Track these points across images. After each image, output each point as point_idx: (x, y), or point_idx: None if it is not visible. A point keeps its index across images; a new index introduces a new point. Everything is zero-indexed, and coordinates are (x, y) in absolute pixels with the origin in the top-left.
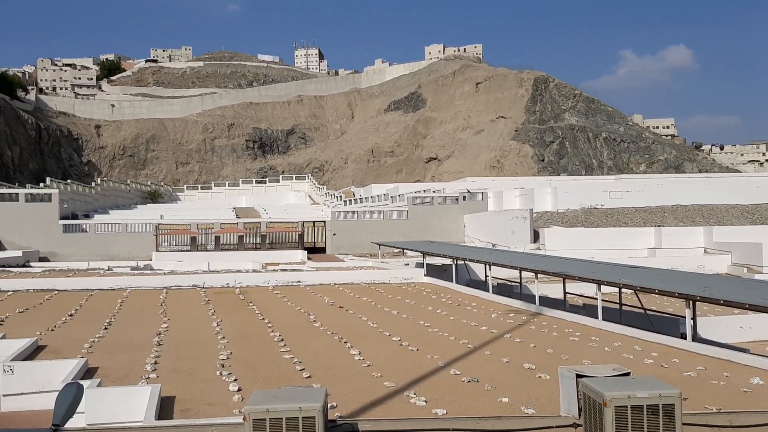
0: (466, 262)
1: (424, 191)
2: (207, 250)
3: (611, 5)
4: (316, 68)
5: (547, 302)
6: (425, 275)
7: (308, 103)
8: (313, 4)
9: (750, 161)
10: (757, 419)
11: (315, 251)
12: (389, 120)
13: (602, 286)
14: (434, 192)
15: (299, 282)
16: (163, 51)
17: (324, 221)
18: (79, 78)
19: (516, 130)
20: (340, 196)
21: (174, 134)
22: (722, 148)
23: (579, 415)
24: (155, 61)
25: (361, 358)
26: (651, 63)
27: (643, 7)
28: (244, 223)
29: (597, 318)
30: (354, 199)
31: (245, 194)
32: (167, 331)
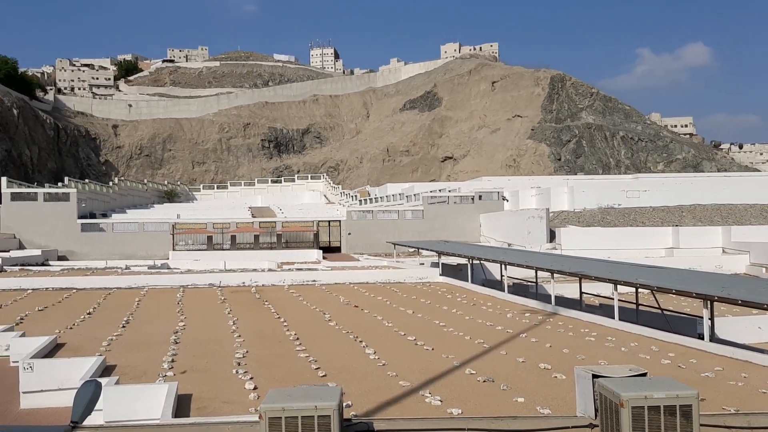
0: (482, 262)
1: (440, 191)
2: (223, 250)
3: (628, 3)
4: (332, 68)
5: (563, 302)
6: (440, 275)
7: (323, 103)
8: (329, 4)
9: None
10: None
11: (330, 251)
12: (405, 119)
13: (619, 286)
14: (450, 191)
15: (314, 281)
16: (180, 51)
17: (339, 221)
18: (97, 78)
19: (532, 129)
20: (356, 196)
21: (190, 134)
22: (741, 147)
23: (595, 416)
24: (172, 61)
25: (376, 358)
26: (669, 61)
27: (661, 5)
28: (260, 223)
29: (613, 318)
30: (369, 199)
31: (261, 194)
32: (184, 330)
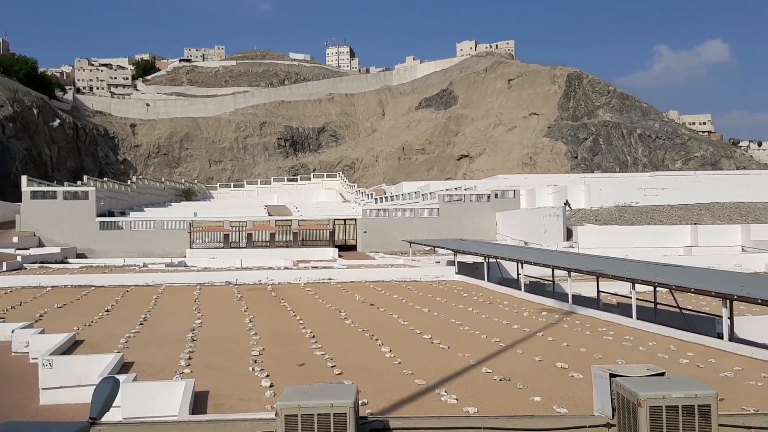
0: (498, 260)
1: (456, 189)
2: (239, 248)
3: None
4: (347, 66)
5: (581, 301)
6: (456, 273)
7: (339, 101)
8: (345, 2)
9: None
10: None
11: (346, 249)
12: (420, 117)
13: (637, 285)
14: (466, 189)
15: (330, 279)
16: (197, 50)
17: (355, 219)
18: (115, 78)
19: (549, 127)
20: (371, 194)
21: (207, 133)
22: (760, 145)
23: (612, 415)
24: (189, 61)
25: (392, 356)
26: (687, 58)
27: (678, 2)
28: (276, 221)
29: (631, 317)
30: (385, 197)
31: (277, 192)
32: (201, 327)
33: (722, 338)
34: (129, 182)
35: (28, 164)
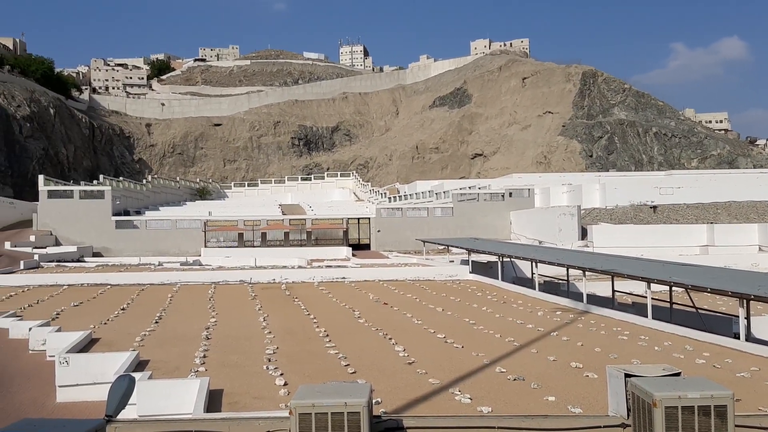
0: (512, 260)
1: (470, 188)
2: (254, 247)
3: None
4: (361, 65)
5: (595, 300)
6: (470, 272)
7: (353, 100)
8: (358, 2)
9: None
10: None
11: (359, 248)
12: (434, 116)
13: (652, 285)
14: (480, 188)
15: (344, 278)
16: (211, 50)
17: (368, 218)
18: (131, 78)
19: (563, 126)
20: (385, 193)
21: (222, 132)
22: None
23: (627, 416)
24: (203, 60)
25: (406, 355)
26: (703, 56)
27: None
28: (290, 220)
29: (647, 317)
30: (398, 196)
31: (291, 191)
32: (215, 326)
33: (739, 338)
34: (144, 181)
35: (45, 164)
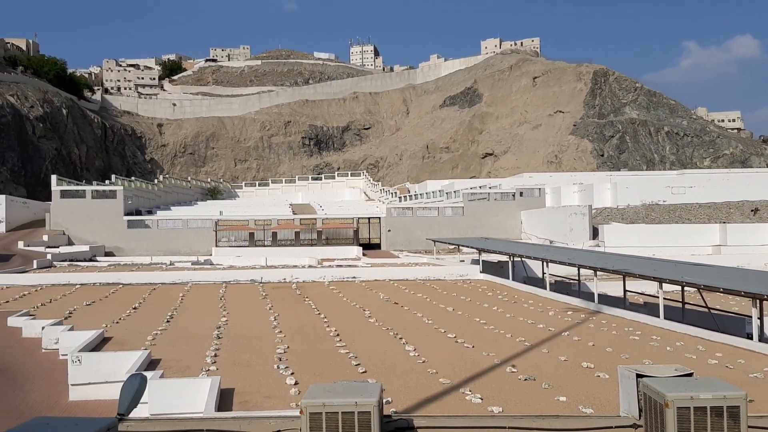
0: (523, 259)
1: (480, 187)
2: (264, 246)
3: None
4: (372, 65)
5: (607, 300)
6: (481, 272)
7: (363, 100)
8: (369, 1)
9: None
10: None
11: (370, 247)
12: (444, 116)
13: (664, 285)
14: (490, 188)
15: (354, 278)
16: (222, 50)
17: (379, 217)
18: (142, 78)
19: (574, 125)
20: (395, 193)
21: (233, 132)
22: None
23: (639, 416)
24: (215, 61)
25: (416, 354)
26: (716, 54)
27: None
28: (301, 220)
29: (658, 317)
30: (409, 196)
31: (301, 191)
32: (226, 325)
33: (752, 339)
34: (156, 181)
35: (58, 164)
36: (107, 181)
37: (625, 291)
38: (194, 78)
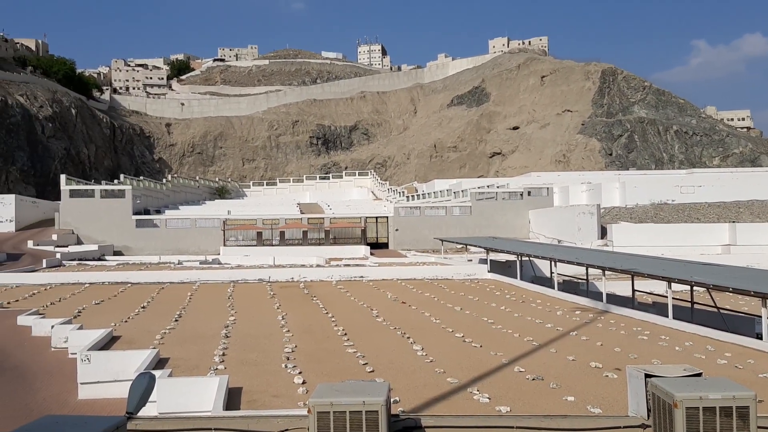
0: (531, 259)
1: (488, 187)
2: (272, 245)
3: None
4: (379, 64)
5: (615, 300)
6: (489, 271)
7: (371, 99)
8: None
9: None
10: None
11: (377, 247)
12: (452, 115)
13: (673, 284)
14: (498, 187)
15: (362, 277)
16: (230, 50)
17: (386, 217)
18: (151, 78)
19: (583, 124)
20: (403, 192)
21: (240, 131)
22: None
23: (648, 416)
24: (222, 60)
25: (424, 354)
26: (725, 53)
27: None
28: (308, 219)
29: (667, 317)
30: (416, 195)
31: (309, 190)
32: (234, 324)
33: (761, 339)
34: (164, 181)
35: (67, 163)
36: (116, 181)
37: (634, 291)
38: (202, 78)
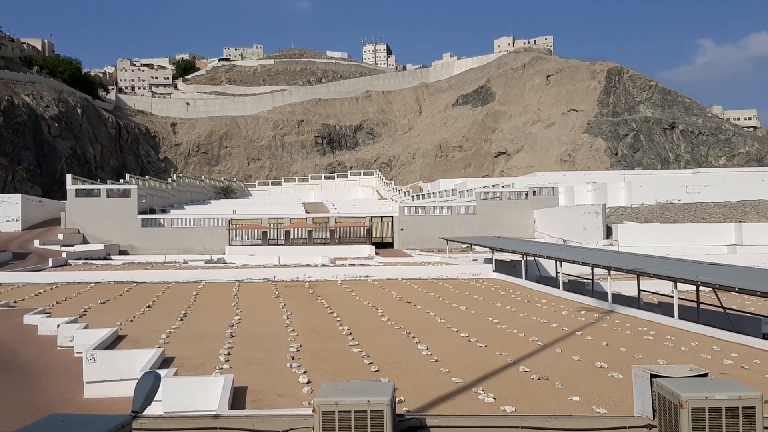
0: (536, 258)
1: (493, 186)
2: (277, 245)
3: None
4: (384, 64)
5: (621, 300)
6: (494, 271)
7: (376, 99)
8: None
9: None
10: None
11: (382, 246)
12: (457, 114)
13: (679, 284)
14: (503, 187)
15: (367, 276)
16: (236, 50)
17: (392, 216)
18: (156, 77)
19: (588, 123)
20: (408, 191)
21: (246, 131)
22: None
23: (653, 416)
24: (228, 60)
25: (429, 353)
26: (732, 52)
27: None
28: (313, 218)
29: (673, 317)
30: (422, 195)
31: (314, 189)
32: (239, 323)
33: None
34: (170, 180)
35: (73, 163)
36: (121, 180)
37: (639, 290)
38: (208, 77)
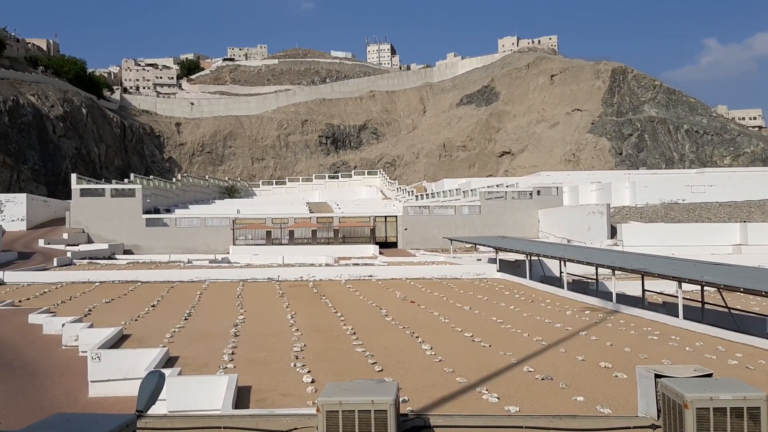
0: (540, 258)
1: (497, 186)
2: (281, 244)
3: None
4: (388, 63)
5: (625, 300)
6: (498, 271)
7: (380, 99)
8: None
9: None
10: None
11: (386, 246)
12: (461, 114)
13: (683, 284)
14: (507, 186)
15: (371, 276)
16: (240, 50)
17: (395, 216)
18: (161, 77)
19: (592, 123)
20: (412, 191)
21: (250, 131)
22: None
23: (658, 417)
24: (232, 60)
25: (433, 353)
26: (737, 51)
27: None
28: (317, 218)
29: (677, 317)
30: (426, 194)
31: (318, 189)
32: (244, 323)
33: None
34: (174, 180)
35: (78, 163)
36: (126, 180)
37: (644, 290)
38: (212, 77)
